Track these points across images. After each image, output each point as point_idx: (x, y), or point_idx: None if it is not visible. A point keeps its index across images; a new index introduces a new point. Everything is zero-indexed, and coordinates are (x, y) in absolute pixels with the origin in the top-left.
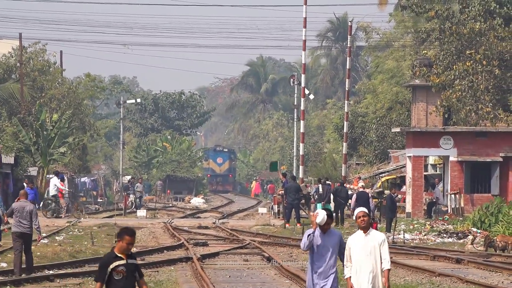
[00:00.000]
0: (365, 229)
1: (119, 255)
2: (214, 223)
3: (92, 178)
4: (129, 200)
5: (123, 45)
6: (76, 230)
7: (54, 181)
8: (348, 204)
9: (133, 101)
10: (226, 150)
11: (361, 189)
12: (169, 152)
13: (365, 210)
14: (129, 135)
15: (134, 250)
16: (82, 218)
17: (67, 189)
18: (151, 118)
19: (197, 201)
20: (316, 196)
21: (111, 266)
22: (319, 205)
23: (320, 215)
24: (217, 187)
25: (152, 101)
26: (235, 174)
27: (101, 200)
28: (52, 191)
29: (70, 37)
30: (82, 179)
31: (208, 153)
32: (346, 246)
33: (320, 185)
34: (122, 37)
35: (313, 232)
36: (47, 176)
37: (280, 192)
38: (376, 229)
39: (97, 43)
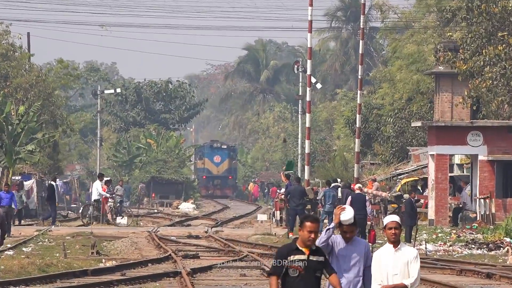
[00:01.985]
0: (396, 244)
1: (301, 248)
2: (206, 232)
3: (64, 180)
4: (108, 205)
5: (100, 26)
6: (46, 240)
7: (96, 185)
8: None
9: (112, 91)
10: (225, 146)
11: (357, 191)
12: (154, 150)
13: (398, 219)
14: (108, 130)
15: (113, 263)
16: (53, 226)
17: (109, 195)
18: (133, 110)
19: (186, 206)
20: (325, 200)
21: (289, 259)
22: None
23: (348, 213)
24: (215, 192)
25: (134, 91)
26: (236, 175)
27: (75, 206)
28: (94, 195)
29: (38, 17)
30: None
31: (203, 150)
32: (374, 262)
33: (339, 189)
34: (99, 17)
35: (333, 227)
36: (13, 178)
37: (282, 196)
38: (374, 238)
39: (70, 23)
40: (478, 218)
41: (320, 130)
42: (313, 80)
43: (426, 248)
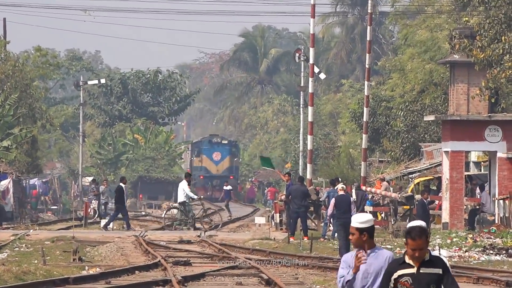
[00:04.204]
0: None
1: (408, 261)
2: (199, 236)
3: (44, 180)
4: (91, 207)
5: (83, 10)
6: (23, 245)
7: (183, 185)
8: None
9: (96, 81)
10: (226, 142)
11: (341, 192)
12: (142, 146)
13: (423, 225)
14: (91, 125)
15: (97, 270)
16: (31, 230)
17: (196, 196)
18: (118, 103)
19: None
20: (329, 202)
21: (394, 276)
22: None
23: (364, 215)
24: (213, 193)
25: (119, 82)
26: (238, 175)
27: (55, 207)
28: (180, 197)
29: (15, 0)
30: (31, 181)
31: (200, 146)
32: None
33: (353, 190)
34: (82, 1)
35: (352, 278)
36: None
37: (282, 197)
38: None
39: (49, 8)
40: (496, 221)
41: (323, 124)
42: (316, 69)
43: (440, 253)
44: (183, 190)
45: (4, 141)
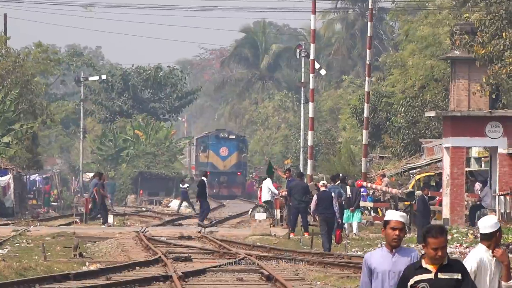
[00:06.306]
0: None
1: (426, 265)
2: (199, 232)
3: (44, 176)
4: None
5: (84, 6)
6: (24, 241)
7: (267, 183)
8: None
9: (97, 77)
10: (234, 137)
11: (322, 188)
12: (143, 142)
13: (496, 222)
14: (92, 120)
15: (97, 266)
16: (32, 226)
17: (278, 194)
18: (119, 99)
19: (177, 204)
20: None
21: (410, 282)
22: (346, 212)
23: (491, 219)
24: (220, 190)
25: (120, 78)
26: (246, 171)
27: (56, 203)
28: (265, 195)
29: None
30: (32, 177)
31: (207, 141)
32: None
33: (348, 187)
34: None
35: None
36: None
37: (284, 193)
38: (340, 238)
39: (50, 4)
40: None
41: (324, 120)
42: (317, 65)
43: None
44: (268, 188)
45: (5, 137)
